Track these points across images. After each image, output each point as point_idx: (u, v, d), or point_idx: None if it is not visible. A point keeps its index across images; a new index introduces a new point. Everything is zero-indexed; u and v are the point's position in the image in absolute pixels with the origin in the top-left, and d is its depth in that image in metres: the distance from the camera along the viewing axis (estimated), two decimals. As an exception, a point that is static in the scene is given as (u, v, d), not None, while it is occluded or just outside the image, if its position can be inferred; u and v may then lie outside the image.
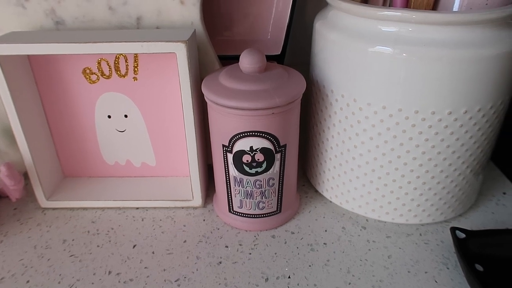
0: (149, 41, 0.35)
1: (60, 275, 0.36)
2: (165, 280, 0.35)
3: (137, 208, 0.44)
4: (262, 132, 0.35)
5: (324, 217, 0.42)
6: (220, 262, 0.37)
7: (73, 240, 0.40)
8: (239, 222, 0.40)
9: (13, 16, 0.40)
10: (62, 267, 0.37)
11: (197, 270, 0.36)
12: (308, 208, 0.43)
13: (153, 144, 0.45)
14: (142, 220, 0.42)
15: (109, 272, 0.36)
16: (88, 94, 0.42)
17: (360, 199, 0.40)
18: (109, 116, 0.43)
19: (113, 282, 0.35)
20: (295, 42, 0.52)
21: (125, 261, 0.37)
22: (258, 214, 0.40)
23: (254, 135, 0.35)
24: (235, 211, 0.40)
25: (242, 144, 0.36)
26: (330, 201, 0.44)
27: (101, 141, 0.45)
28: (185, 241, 0.39)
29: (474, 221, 0.41)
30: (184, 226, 0.41)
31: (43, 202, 0.43)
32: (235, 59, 0.45)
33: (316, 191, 0.45)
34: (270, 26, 0.48)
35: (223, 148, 0.37)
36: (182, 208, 0.44)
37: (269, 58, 0.44)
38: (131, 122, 0.43)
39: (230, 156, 0.37)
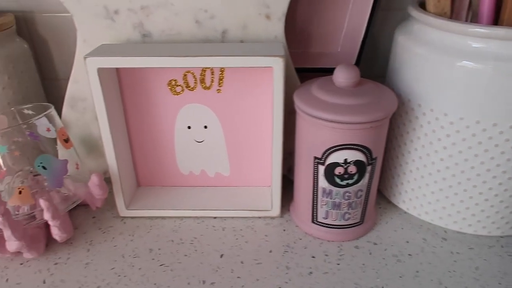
0: (248, 55, 0.36)
1: (155, 284, 0.36)
2: (260, 290, 0.36)
3: (215, 218, 0.44)
4: (358, 145, 0.36)
5: (402, 228, 0.42)
6: (311, 273, 0.37)
7: (159, 249, 0.40)
8: (322, 232, 0.41)
9: (102, 29, 0.41)
10: (155, 276, 0.37)
11: (290, 280, 0.37)
12: (384, 219, 0.44)
13: (229, 154, 0.45)
14: (223, 229, 0.43)
15: (203, 282, 0.36)
16: (171, 105, 0.43)
17: (442, 211, 0.41)
18: (189, 127, 0.44)
19: (211, 292, 0.36)
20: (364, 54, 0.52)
21: (216, 270, 0.38)
22: (343, 225, 0.40)
23: (350, 148, 0.36)
24: (319, 222, 0.41)
25: (337, 157, 0.36)
26: (405, 212, 0.44)
27: (178, 151, 0.45)
28: (270, 251, 0.40)
29: (551, 234, 0.42)
30: (266, 236, 0.42)
31: (122, 211, 0.44)
32: (306, 71, 0.47)
33: (389, 202, 0.46)
34: (341, 39, 0.49)
35: (314, 160, 0.38)
36: (260, 218, 0.44)
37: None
38: (210, 133, 0.44)
39: (321, 168, 0.37)
